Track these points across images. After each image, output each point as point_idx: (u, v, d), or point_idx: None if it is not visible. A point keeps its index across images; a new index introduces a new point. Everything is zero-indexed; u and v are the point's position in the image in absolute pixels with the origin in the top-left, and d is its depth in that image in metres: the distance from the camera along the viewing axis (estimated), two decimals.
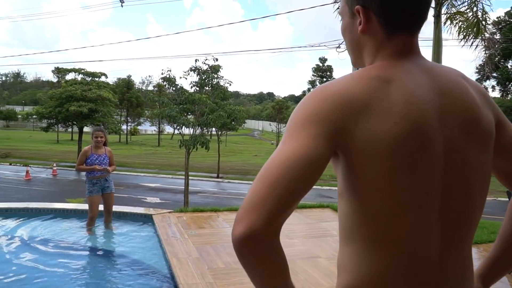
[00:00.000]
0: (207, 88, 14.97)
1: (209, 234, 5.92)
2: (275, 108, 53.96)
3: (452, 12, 7.86)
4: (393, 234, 0.86)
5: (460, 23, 7.74)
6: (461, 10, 7.72)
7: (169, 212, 6.89)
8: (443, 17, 7.72)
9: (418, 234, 0.87)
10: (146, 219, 6.61)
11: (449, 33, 8.05)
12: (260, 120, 77.29)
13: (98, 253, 5.47)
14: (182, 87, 14.72)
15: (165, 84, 15.09)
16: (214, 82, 14.97)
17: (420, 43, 1.00)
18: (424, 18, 0.95)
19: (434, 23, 7.37)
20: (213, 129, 23.49)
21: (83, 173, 6.01)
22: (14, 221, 6.40)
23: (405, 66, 0.91)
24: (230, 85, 15.85)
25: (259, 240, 0.75)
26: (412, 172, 0.85)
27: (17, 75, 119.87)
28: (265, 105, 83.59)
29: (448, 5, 7.82)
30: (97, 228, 6.11)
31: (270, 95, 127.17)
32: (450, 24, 7.83)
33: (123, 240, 5.83)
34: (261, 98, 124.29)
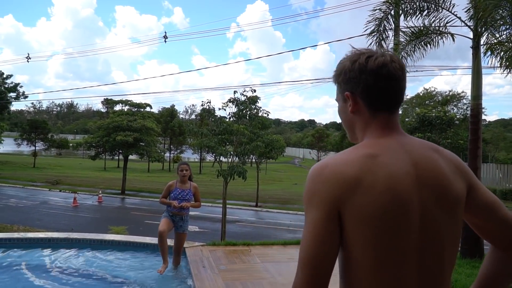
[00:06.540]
0: (245, 118, 15.18)
1: (240, 270, 5.87)
2: (315, 136, 53.62)
3: (493, 42, 7.62)
4: (376, 286, 1.04)
5: (502, 53, 7.47)
6: (502, 40, 7.46)
7: (202, 245, 6.93)
8: (482, 48, 7.49)
9: (398, 286, 1.05)
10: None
11: (491, 63, 7.75)
12: (301, 147, 76.92)
13: (128, 284, 5.56)
14: (221, 118, 15.02)
15: (205, 115, 15.50)
16: (252, 113, 15.18)
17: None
18: (400, 99, 1.19)
19: (472, 54, 7.16)
20: (253, 157, 23.69)
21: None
22: (54, 251, 6.67)
23: (387, 142, 1.13)
24: (267, 115, 16.02)
25: None
26: (394, 234, 1.03)
27: (70, 106, 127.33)
28: (306, 132, 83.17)
29: (488, 35, 7.60)
30: (143, 261, 6.19)
31: (311, 122, 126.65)
32: (491, 54, 7.58)
33: (156, 273, 5.90)
34: (302, 125, 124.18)
